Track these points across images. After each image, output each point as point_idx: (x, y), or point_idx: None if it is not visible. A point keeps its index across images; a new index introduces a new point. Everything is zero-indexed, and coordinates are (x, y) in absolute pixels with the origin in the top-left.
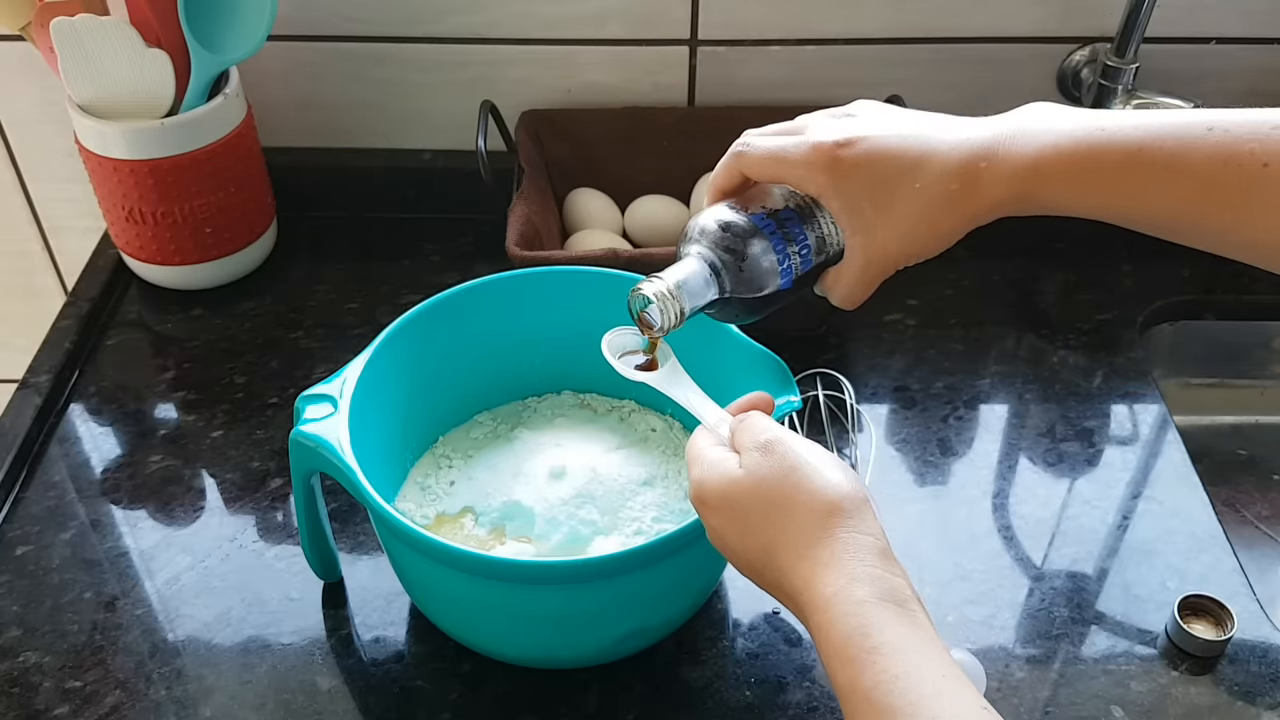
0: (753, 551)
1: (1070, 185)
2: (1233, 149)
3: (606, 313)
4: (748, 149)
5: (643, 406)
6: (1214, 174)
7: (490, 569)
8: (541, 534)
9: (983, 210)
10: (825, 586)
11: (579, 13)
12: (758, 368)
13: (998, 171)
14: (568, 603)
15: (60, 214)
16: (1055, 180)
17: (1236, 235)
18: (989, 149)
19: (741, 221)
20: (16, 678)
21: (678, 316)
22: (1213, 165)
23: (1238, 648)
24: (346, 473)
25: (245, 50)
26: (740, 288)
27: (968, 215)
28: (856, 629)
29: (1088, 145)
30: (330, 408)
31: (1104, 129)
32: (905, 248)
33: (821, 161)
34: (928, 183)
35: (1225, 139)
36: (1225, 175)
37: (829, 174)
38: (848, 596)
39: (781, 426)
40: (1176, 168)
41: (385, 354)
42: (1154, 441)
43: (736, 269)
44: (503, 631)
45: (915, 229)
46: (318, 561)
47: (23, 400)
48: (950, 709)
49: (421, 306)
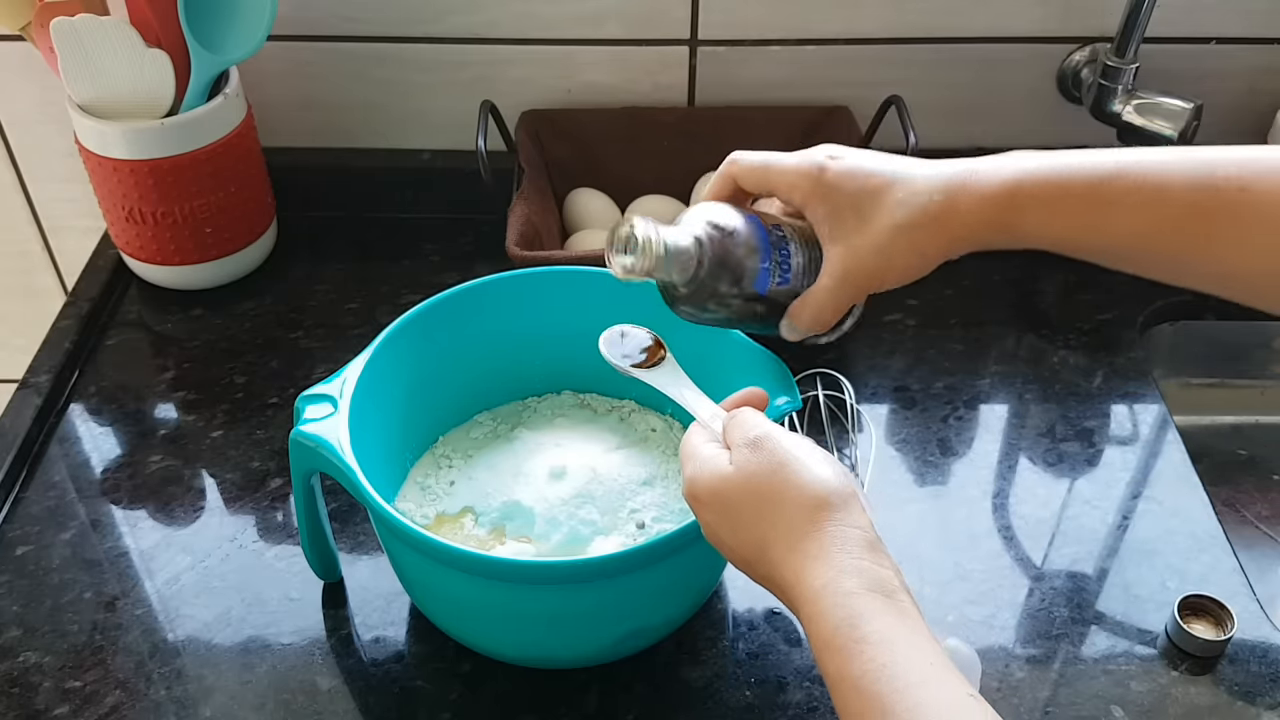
0: (745, 546)
1: (1047, 208)
2: (1210, 173)
3: (606, 313)
4: (740, 156)
5: (643, 406)
6: (1191, 197)
7: (490, 569)
8: (541, 534)
9: (960, 232)
10: (814, 579)
11: (578, 13)
12: (758, 368)
13: (976, 190)
14: (567, 603)
15: (60, 214)
16: (1032, 202)
17: (1211, 263)
18: (968, 171)
19: (736, 212)
20: (16, 678)
21: (654, 261)
22: (1190, 188)
23: (1238, 648)
24: (346, 473)
25: (245, 50)
26: (718, 271)
27: (945, 236)
28: (844, 620)
29: (1065, 168)
30: (330, 408)
31: (1081, 158)
32: (883, 263)
33: (809, 170)
34: (908, 196)
35: (1203, 165)
36: (1202, 199)
37: (815, 182)
38: (836, 588)
39: (771, 423)
40: (1153, 190)
41: (385, 354)
42: (1154, 441)
43: (721, 249)
44: (503, 631)
45: (895, 243)
46: (318, 561)
47: (23, 400)
48: (936, 696)
49: (421, 306)
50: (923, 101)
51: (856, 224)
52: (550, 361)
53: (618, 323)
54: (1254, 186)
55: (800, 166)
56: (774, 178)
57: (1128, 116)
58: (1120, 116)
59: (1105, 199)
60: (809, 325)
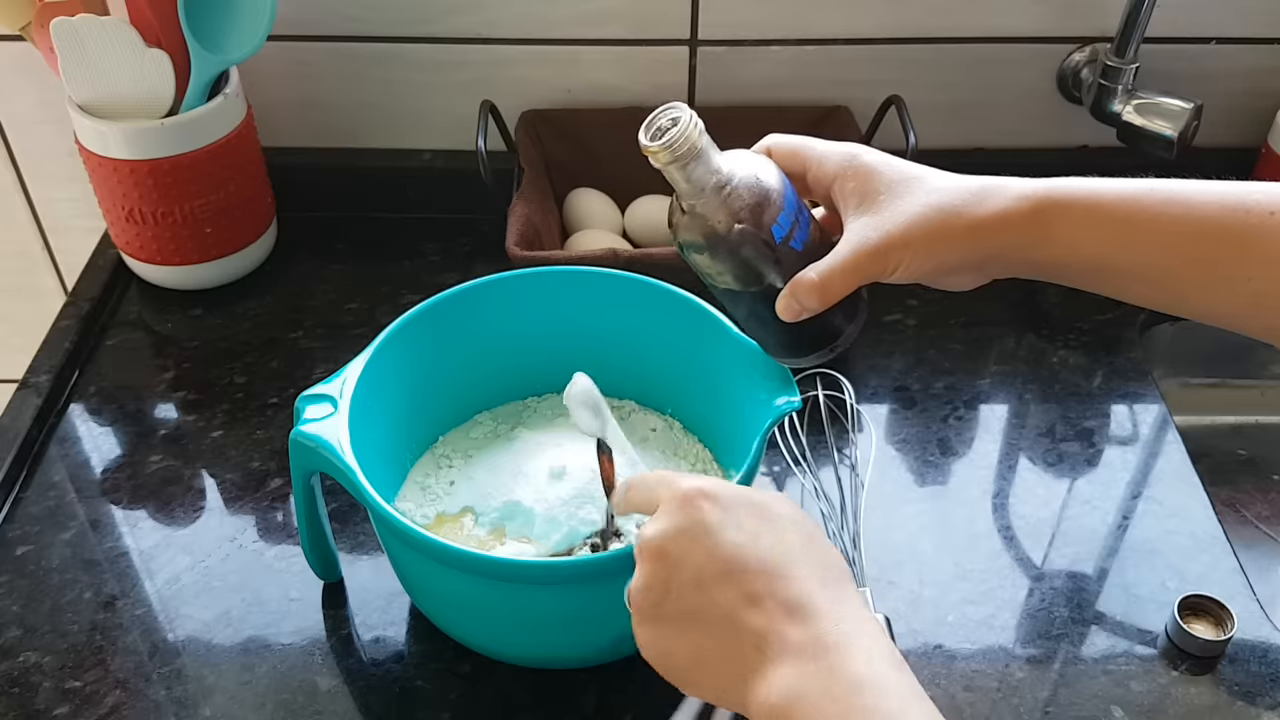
0: (773, 550)
1: (1078, 217)
2: (1240, 198)
3: (606, 313)
4: (777, 135)
5: (643, 407)
6: (1221, 218)
7: (491, 569)
8: (541, 534)
9: (987, 231)
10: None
11: (579, 13)
12: (758, 368)
13: (1008, 190)
14: (568, 602)
15: (60, 214)
16: (1063, 211)
17: (1240, 282)
18: (1002, 179)
19: (770, 163)
20: (16, 678)
21: (688, 146)
22: (1221, 209)
23: (1238, 648)
24: (347, 473)
25: (245, 50)
26: (744, 194)
27: (972, 228)
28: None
29: (1097, 183)
30: (330, 408)
31: (1112, 180)
32: (902, 240)
33: (845, 149)
34: (942, 184)
35: (1232, 191)
36: (1232, 221)
37: (850, 159)
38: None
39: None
40: (1183, 207)
41: (385, 354)
42: (1154, 441)
43: (752, 175)
44: (503, 631)
45: (923, 219)
46: (318, 562)
47: (22, 400)
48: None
49: (421, 306)
50: (923, 101)
51: (887, 199)
52: (550, 361)
53: (617, 324)
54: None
55: (836, 145)
56: (806, 153)
57: (1128, 116)
58: (1120, 116)
59: (1137, 211)
60: (808, 294)
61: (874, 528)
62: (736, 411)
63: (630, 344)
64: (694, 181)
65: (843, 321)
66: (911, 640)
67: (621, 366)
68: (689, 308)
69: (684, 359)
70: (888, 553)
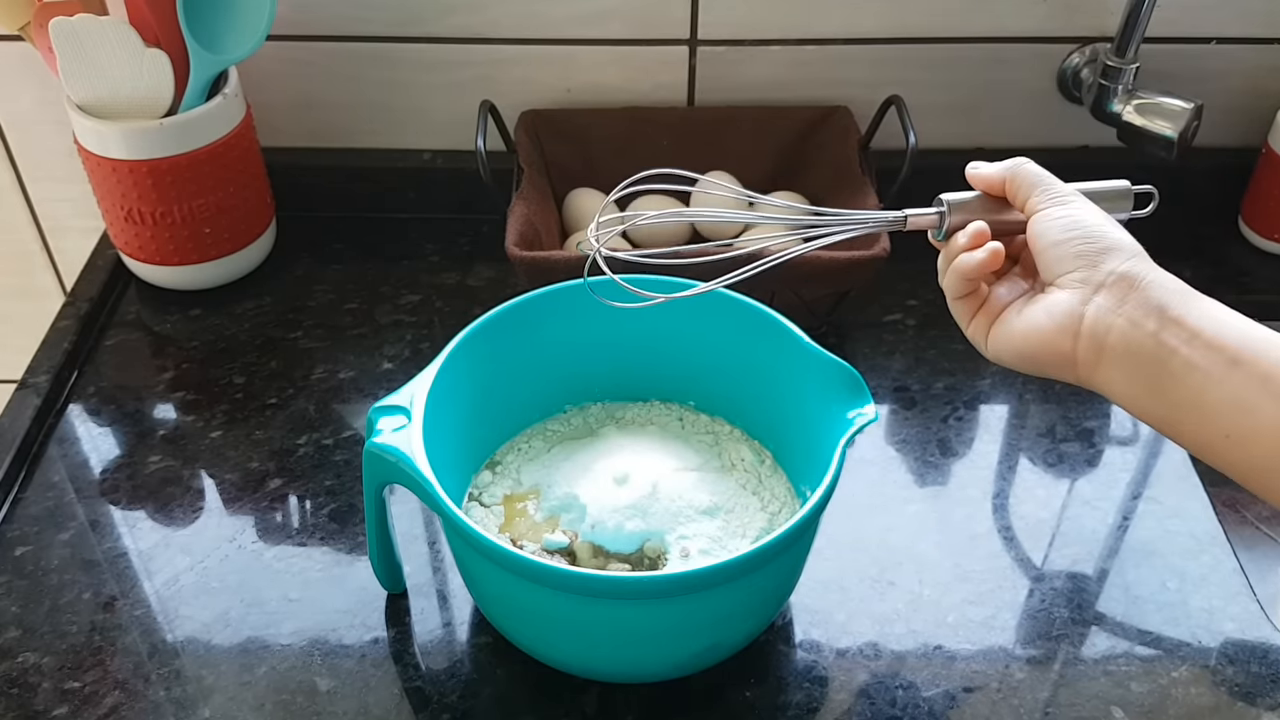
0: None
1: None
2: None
3: (670, 322)
4: (1028, 162)
5: (741, 432)
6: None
7: (562, 582)
8: (587, 533)
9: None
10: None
11: (579, 12)
12: (829, 377)
13: (1153, 276)
14: (651, 617)
15: (60, 214)
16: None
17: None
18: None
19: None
20: (15, 678)
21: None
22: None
23: (1238, 648)
24: (422, 484)
25: (245, 50)
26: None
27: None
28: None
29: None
30: (404, 419)
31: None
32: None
33: (1054, 209)
34: (1115, 266)
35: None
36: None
37: (1061, 205)
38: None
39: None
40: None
41: (454, 364)
42: (1154, 442)
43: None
44: (582, 646)
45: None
46: (384, 573)
47: (22, 401)
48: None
49: (489, 316)
50: (923, 101)
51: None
52: (613, 370)
53: (680, 331)
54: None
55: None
56: (1022, 191)
57: (1128, 116)
58: (1120, 116)
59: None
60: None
61: (874, 528)
62: (807, 422)
63: (694, 352)
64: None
65: None
66: (911, 640)
67: (685, 373)
68: (757, 317)
69: (752, 371)
70: (888, 553)
